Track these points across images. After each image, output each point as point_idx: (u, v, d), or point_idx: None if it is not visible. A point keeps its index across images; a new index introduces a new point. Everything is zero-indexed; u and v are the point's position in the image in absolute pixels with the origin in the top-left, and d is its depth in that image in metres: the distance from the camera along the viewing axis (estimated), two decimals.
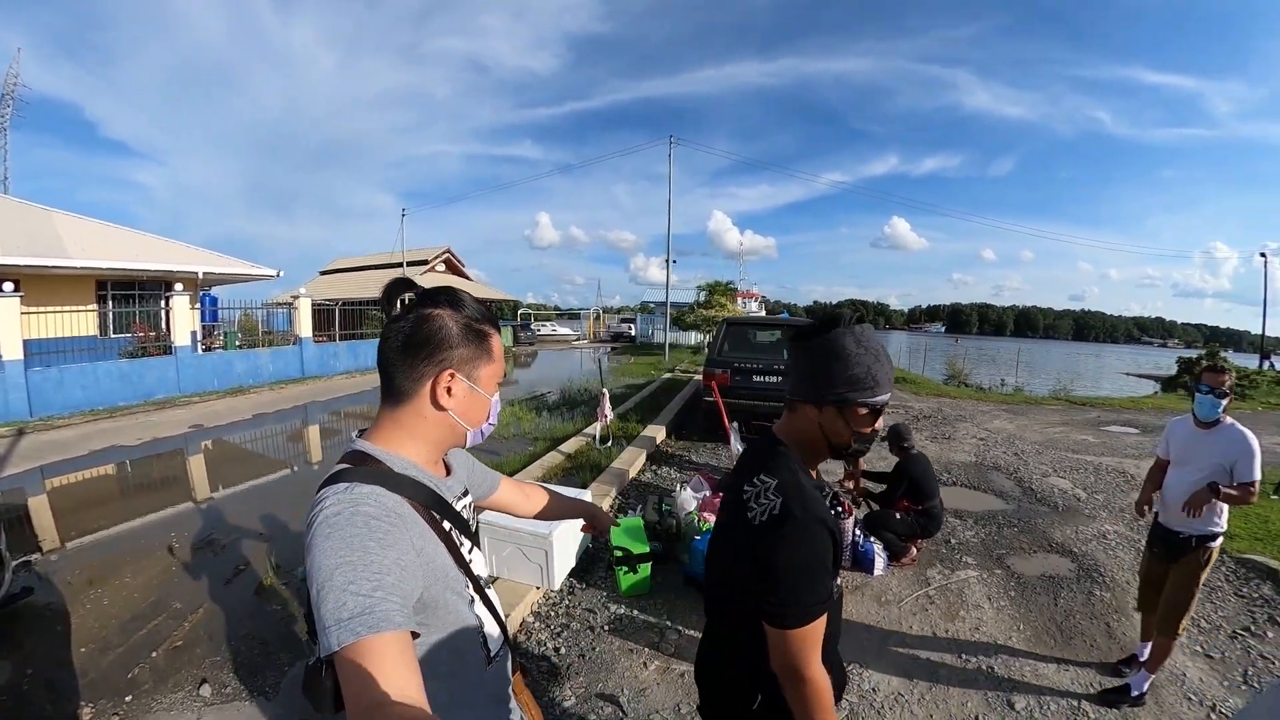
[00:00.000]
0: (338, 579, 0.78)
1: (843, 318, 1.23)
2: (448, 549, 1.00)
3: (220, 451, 8.13)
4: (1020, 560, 4.71)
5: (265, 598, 3.82)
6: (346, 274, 30.26)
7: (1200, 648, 3.59)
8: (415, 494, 0.97)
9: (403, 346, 1.00)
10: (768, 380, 7.84)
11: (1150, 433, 11.16)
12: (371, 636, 0.74)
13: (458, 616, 0.99)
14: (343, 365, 16.39)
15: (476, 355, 1.05)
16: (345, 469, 0.95)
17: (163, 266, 14.37)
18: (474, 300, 1.08)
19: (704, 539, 3.85)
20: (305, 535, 0.86)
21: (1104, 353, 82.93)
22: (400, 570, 0.84)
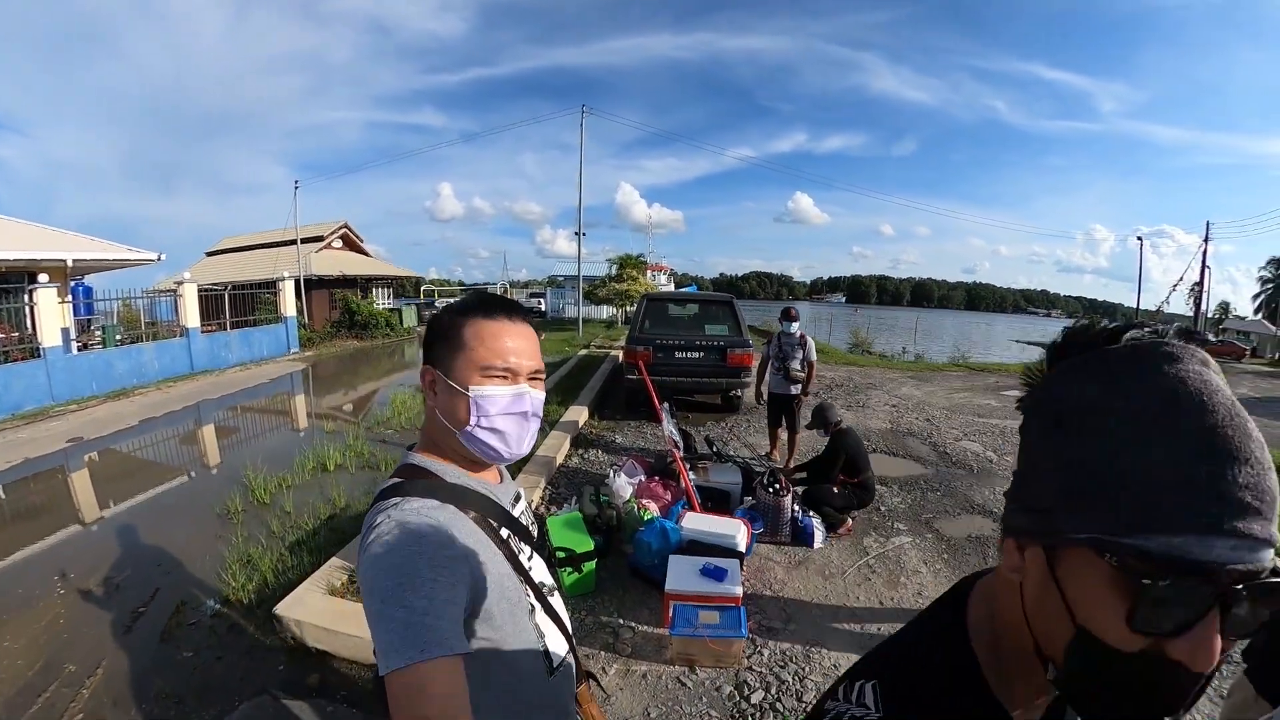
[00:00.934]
0: (390, 601, 0.81)
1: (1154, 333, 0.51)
2: (506, 557, 1.00)
3: (106, 467, 7.36)
4: (947, 523, 5.12)
5: (174, 642, 3.44)
6: (236, 254, 28.00)
7: None
8: (470, 503, 0.98)
9: None
10: (689, 356, 8.05)
11: None
12: (422, 663, 0.77)
13: (516, 628, 0.99)
14: (236, 356, 15.19)
15: (452, 349, 1.01)
16: (398, 483, 0.97)
17: (23, 255, 12.40)
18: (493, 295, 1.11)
19: (649, 530, 3.91)
20: (359, 557, 0.89)
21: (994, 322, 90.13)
22: (452, 589, 0.85)
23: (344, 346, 19.38)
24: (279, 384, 13.13)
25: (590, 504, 4.37)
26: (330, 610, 3.33)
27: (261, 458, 6.99)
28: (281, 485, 5.90)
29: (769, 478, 4.70)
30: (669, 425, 4.90)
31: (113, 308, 14.46)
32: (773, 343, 6.25)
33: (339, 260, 25.40)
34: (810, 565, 4.25)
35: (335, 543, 4.40)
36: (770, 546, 4.44)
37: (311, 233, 25.75)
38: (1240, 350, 31.72)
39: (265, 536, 4.74)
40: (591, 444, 7.14)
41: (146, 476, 6.86)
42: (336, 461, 6.59)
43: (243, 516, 5.19)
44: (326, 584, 3.61)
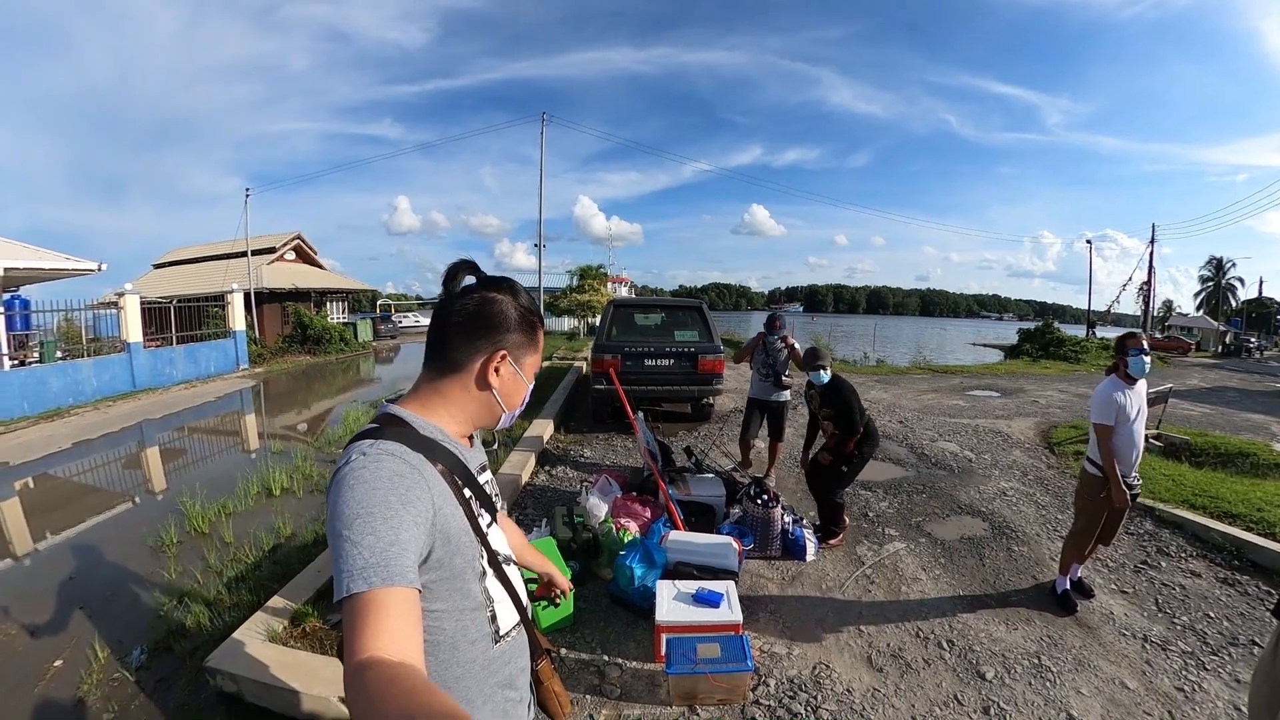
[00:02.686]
0: (357, 528, 0.82)
1: None
2: (465, 515, 1.02)
3: (32, 496, 6.64)
4: (938, 526, 4.89)
5: (94, 703, 2.93)
6: (184, 266, 26.93)
7: (1115, 585, 3.99)
8: (438, 456, 1.00)
9: (464, 322, 1.07)
10: (659, 364, 7.67)
11: (1009, 395, 12.32)
12: (384, 588, 0.78)
13: (464, 585, 1.01)
14: (181, 373, 14.33)
15: (527, 343, 1.13)
16: (374, 427, 1.01)
17: None
18: (528, 294, 1.15)
19: (631, 553, 3.51)
20: (329, 486, 0.91)
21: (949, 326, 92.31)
22: (416, 528, 0.88)
23: (296, 362, 18.55)
24: (226, 402, 12.38)
25: (564, 526, 3.93)
26: (271, 661, 2.86)
27: (202, 482, 6.51)
28: (222, 512, 5.41)
29: (755, 488, 4.35)
30: (645, 436, 4.48)
31: (53, 322, 13.44)
32: (755, 351, 5.94)
33: (292, 273, 24.54)
34: (805, 580, 3.92)
35: (278, 577, 3.96)
36: (761, 562, 4.10)
37: (263, 244, 24.95)
38: (1186, 345, 32.98)
39: (201, 571, 4.29)
40: (559, 460, 6.70)
41: (77, 506, 6.26)
42: (283, 485, 6.08)
43: (177, 549, 4.73)
44: (266, 629, 3.15)
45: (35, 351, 12.64)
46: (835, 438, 4.35)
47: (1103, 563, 4.24)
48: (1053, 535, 4.69)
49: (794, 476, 6.13)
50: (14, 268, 12.79)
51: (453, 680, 1.00)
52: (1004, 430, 8.58)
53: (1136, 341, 3.50)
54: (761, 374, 5.87)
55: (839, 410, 4.33)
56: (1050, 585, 3.84)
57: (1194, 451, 7.27)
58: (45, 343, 12.53)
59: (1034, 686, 2.89)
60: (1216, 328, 39.72)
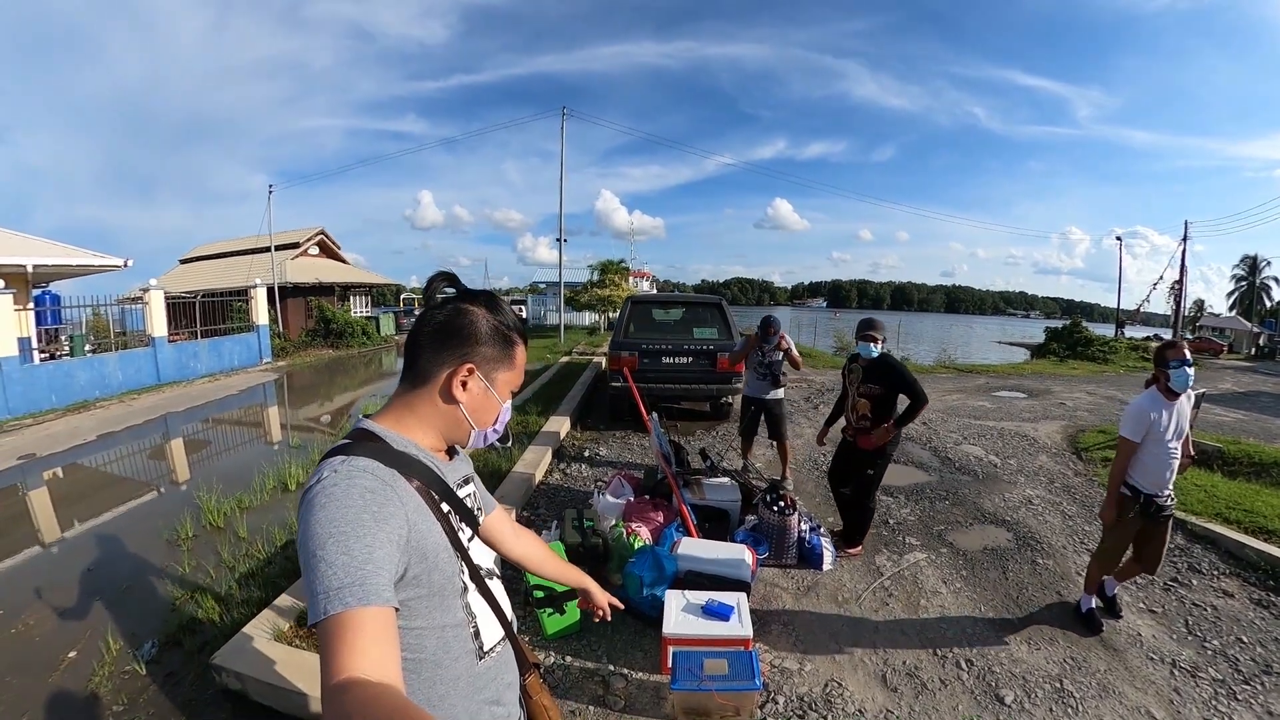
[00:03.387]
0: (330, 548, 0.80)
1: None
2: (444, 531, 1.00)
3: (56, 487, 6.79)
4: (960, 535, 4.75)
5: (103, 696, 2.97)
6: (211, 261, 27.52)
7: (1143, 604, 3.81)
8: (412, 471, 0.99)
9: (433, 332, 1.05)
10: (677, 361, 7.56)
11: (1036, 397, 12.03)
12: (359, 609, 0.77)
13: (444, 602, 1.00)
14: (205, 367, 14.51)
15: (498, 358, 1.09)
16: (346, 444, 0.98)
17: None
18: (511, 309, 1.13)
19: (640, 561, 3.42)
20: (300, 505, 0.89)
21: (974, 324, 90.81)
22: (391, 546, 0.86)
23: (319, 356, 18.69)
24: (248, 396, 12.49)
25: (573, 530, 3.87)
26: (276, 660, 2.86)
27: (220, 476, 6.63)
28: (237, 507, 5.47)
29: (772, 494, 4.24)
30: (658, 437, 4.40)
31: (82, 316, 13.73)
32: (751, 351, 5.79)
33: (315, 267, 24.85)
34: (821, 590, 3.82)
35: (289, 573, 3.98)
36: (775, 570, 4.01)
37: (287, 240, 25.33)
38: (1218, 346, 31.98)
39: (214, 566, 4.31)
40: (574, 458, 6.64)
41: (98, 497, 6.38)
42: (298, 480, 6.10)
43: (193, 543, 4.79)
44: (273, 627, 3.15)
45: (66, 345, 12.91)
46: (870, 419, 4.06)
47: (1131, 580, 4.02)
48: (1079, 548, 4.53)
49: (813, 480, 6.03)
50: (43, 265, 13.09)
51: (437, 699, 0.98)
52: (1030, 434, 8.36)
53: (1178, 352, 3.16)
54: (759, 373, 5.74)
55: (889, 386, 4.00)
56: (1076, 603, 3.68)
57: (1227, 460, 6.99)
58: (75, 337, 12.81)
59: (1055, 713, 2.76)
60: (1250, 329, 38.28)
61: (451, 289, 1.12)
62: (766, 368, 5.67)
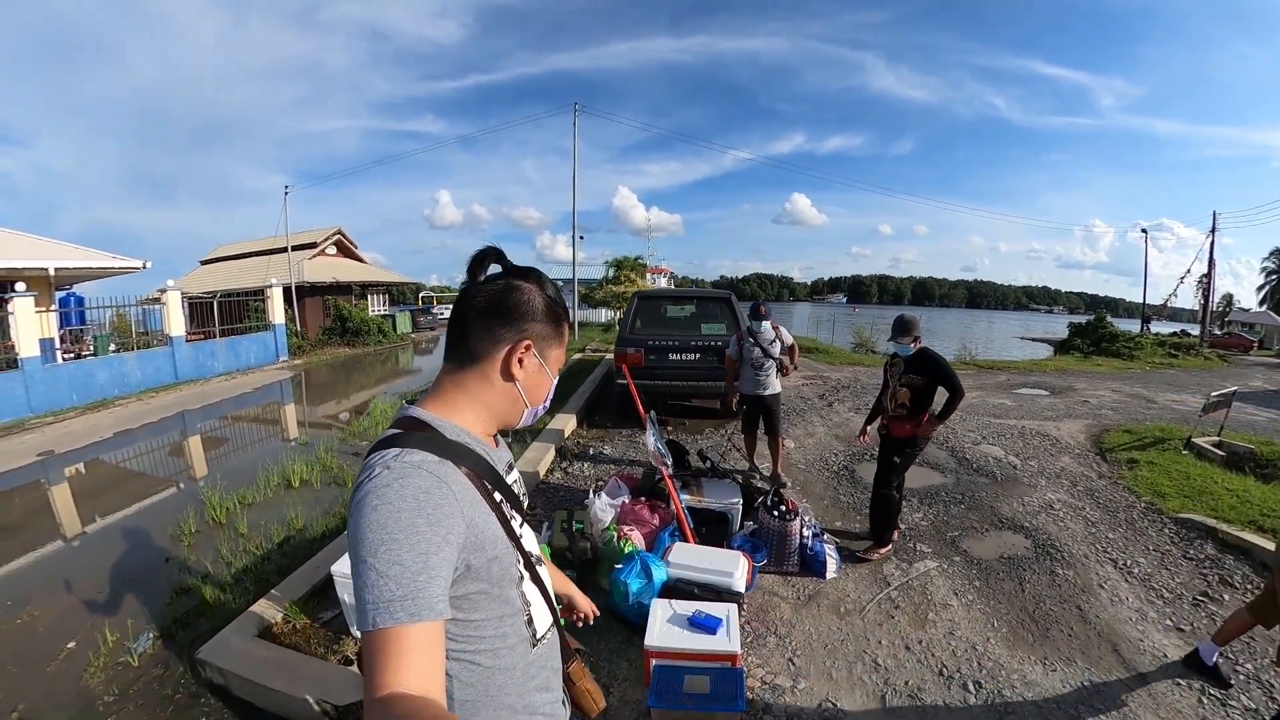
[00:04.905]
0: (383, 556, 0.79)
1: None
2: (499, 520, 0.97)
3: (72, 482, 6.92)
4: (975, 542, 4.50)
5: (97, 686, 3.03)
6: (230, 262, 27.85)
7: (1170, 620, 3.53)
8: (467, 462, 0.95)
9: (486, 309, 1.02)
10: (685, 358, 7.36)
11: (1059, 394, 11.64)
12: (410, 624, 0.76)
13: (503, 592, 0.98)
14: (222, 365, 14.70)
15: (552, 335, 1.08)
16: (397, 434, 0.94)
17: (2, 264, 12.30)
18: (554, 285, 1.09)
19: (628, 568, 3.24)
20: (351, 502, 0.87)
21: (996, 319, 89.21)
22: (448, 548, 0.84)
23: (335, 354, 18.79)
24: (262, 394, 12.56)
25: (561, 534, 3.70)
26: (259, 657, 2.90)
27: (227, 472, 6.71)
28: (240, 503, 5.47)
29: (773, 498, 4.03)
30: (653, 438, 4.19)
31: (105, 317, 13.98)
32: (743, 343, 5.52)
33: (332, 266, 24.97)
34: (823, 600, 3.61)
35: (282, 570, 3.98)
36: (776, 578, 3.81)
37: (305, 239, 25.53)
38: (1249, 342, 30.97)
39: (212, 561, 4.35)
40: (578, 456, 6.49)
41: (110, 493, 6.49)
42: (302, 477, 6.05)
43: (195, 538, 4.83)
44: (259, 624, 3.17)
45: (90, 345, 13.21)
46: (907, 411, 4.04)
47: (1157, 593, 3.80)
48: (1101, 558, 4.25)
49: (822, 480, 5.80)
50: (64, 268, 13.53)
51: (495, 689, 0.97)
52: (1052, 433, 8.02)
53: None
54: (754, 366, 5.48)
55: (930, 377, 4.00)
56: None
57: (1259, 462, 6.60)
58: (98, 337, 13.09)
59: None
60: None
61: (499, 266, 1.07)
62: (762, 359, 5.42)
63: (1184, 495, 5.38)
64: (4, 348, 10.74)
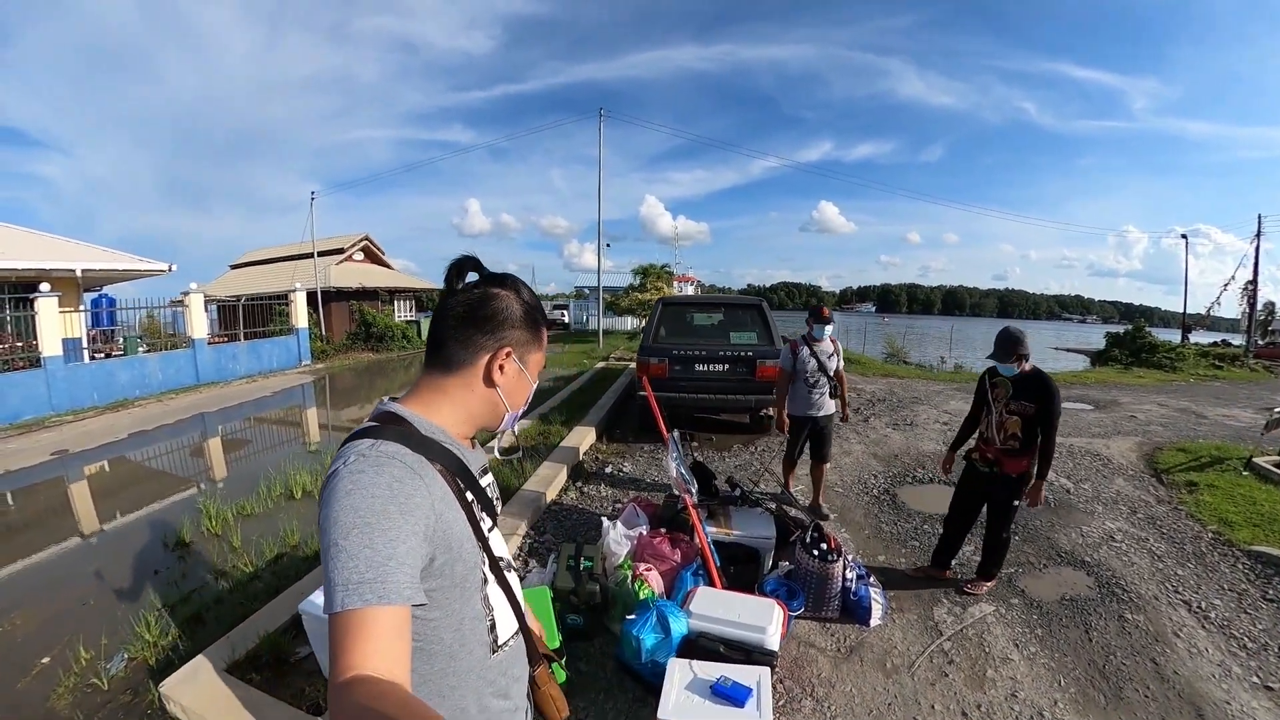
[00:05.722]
0: (354, 539, 0.78)
1: None
2: (468, 519, 0.97)
3: (80, 484, 6.87)
4: (1033, 581, 4.01)
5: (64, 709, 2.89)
6: (258, 267, 28.20)
7: (1257, 676, 3.05)
8: (440, 458, 0.95)
9: (465, 317, 1.02)
10: (712, 369, 6.92)
11: (1103, 409, 10.98)
12: (376, 607, 0.75)
13: (465, 593, 0.96)
14: (243, 368, 14.79)
15: (531, 340, 1.08)
16: (372, 426, 0.95)
17: (30, 265, 12.49)
18: (530, 290, 1.11)
19: (641, 620, 2.78)
20: (323, 488, 0.86)
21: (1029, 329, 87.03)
22: (416, 538, 0.83)
23: (358, 359, 18.80)
24: (281, 398, 12.48)
25: (566, 572, 3.25)
26: (223, 696, 2.66)
27: (232, 479, 6.64)
28: (239, 513, 5.26)
29: (814, 533, 3.55)
30: (675, 462, 3.72)
31: (135, 318, 14.25)
32: (798, 354, 4.90)
33: (359, 272, 25.08)
34: (866, 653, 3.15)
35: (271, 590, 3.74)
36: (813, 625, 3.36)
37: (333, 245, 25.79)
38: None
39: (201, 578, 4.21)
40: (595, 475, 6.06)
41: (115, 496, 6.44)
42: (305, 488, 5.79)
43: (188, 550, 4.67)
44: (231, 656, 2.93)
45: (120, 346, 13.41)
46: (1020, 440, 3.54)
47: (1239, 643, 3.29)
48: (1173, 599, 3.74)
49: (862, 506, 5.30)
50: (91, 269, 13.74)
51: (447, 689, 0.95)
52: (1102, 452, 7.43)
53: None
54: (809, 383, 4.86)
55: (1043, 408, 3.45)
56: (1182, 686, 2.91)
57: None
58: (127, 338, 13.29)
59: None
60: None
61: (476, 274, 1.07)
62: (818, 375, 4.86)
63: (1253, 524, 4.86)
64: (28, 346, 10.86)
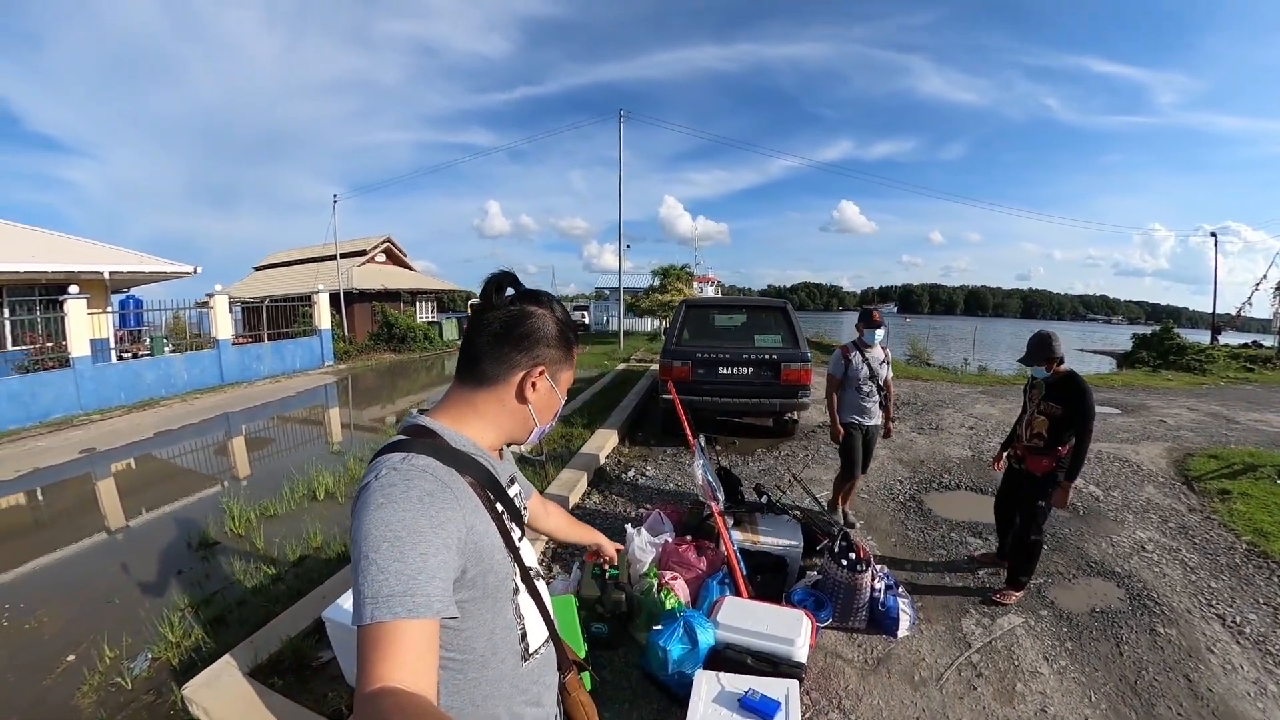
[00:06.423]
0: (385, 552, 0.79)
1: None
2: (499, 531, 0.98)
3: (106, 482, 6.99)
4: (1063, 592, 3.91)
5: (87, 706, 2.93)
6: (282, 269, 28.80)
7: None
8: (470, 471, 0.96)
9: (501, 334, 1.02)
10: (736, 372, 6.85)
11: (1131, 413, 10.77)
12: (405, 620, 0.76)
13: (497, 603, 0.97)
14: (267, 369, 15.02)
15: (563, 359, 1.09)
16: (403, 440, 0.95)
17: (60, 267, 12.88)
18: (563, 307, 1.10)
19: (667, 630, 2.75)
20: (355, 500, 0.87)
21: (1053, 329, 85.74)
22: (447, 551, 0.84)
23: (380, 359, 18.98)
24: (304, 398, 12.63)
25: (591, 581, 3.21)
26: (245, 699, 2.67)
27: (255, 479, 6.72)
28: (263, 514, 5.31)
29: (842, 543, 3.47)
30: (701, 468, 3.67)
31: (162, 319, 14.58)
32: (849, 361, 4.61)
33: (381, 274, 25.39)
34: (893, 665, 3.09)
35: (293, 594, 3.75)
36: (839, 635, 3.30)
37: (355, 247, 26.13)
38: None
39: (224, 579, 4.24)
40: (616, 479, 6.02)
41: (141, 494, 6.56)
42: (328, 489, 5.82)
43: (211, 551, 4.70)
44: (254, 659, 2.93)
45: (147, 346, 13.75)
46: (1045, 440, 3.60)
47: (1275, 659, 3.18)
48: (1206, 613, 3.63)
49: (888, 512, 5.20)
50: (118, 271, 14.11)
51: (480, 698, 0.96)
52: (1131, 458, 7.27)
53: None
54: (863, 390, 4.57)
55: (1074, 410, 3.50)
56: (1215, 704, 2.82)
57: None
58: (154, 338, 13.62)
59: None
60: None
61: (512, 289, 1.06)
62: (870, 383, 4.58)
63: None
64: (57, 347, 11.16)
